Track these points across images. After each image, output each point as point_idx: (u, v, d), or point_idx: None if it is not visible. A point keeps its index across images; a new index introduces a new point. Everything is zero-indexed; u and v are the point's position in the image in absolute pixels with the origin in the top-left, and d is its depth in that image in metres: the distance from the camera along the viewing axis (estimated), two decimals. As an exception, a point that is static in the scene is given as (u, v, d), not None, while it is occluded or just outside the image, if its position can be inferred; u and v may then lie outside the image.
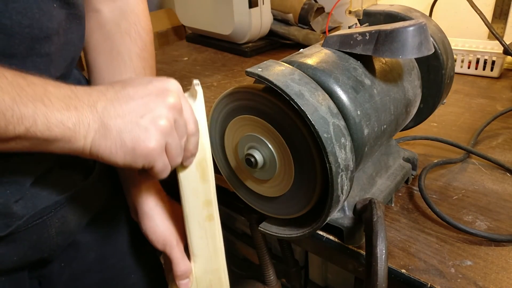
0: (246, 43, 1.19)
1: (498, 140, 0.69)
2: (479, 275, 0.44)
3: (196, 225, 0.45)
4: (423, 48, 0.42)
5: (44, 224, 0.46)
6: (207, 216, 0.45)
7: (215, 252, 0.47)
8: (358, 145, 0.44)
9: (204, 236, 0.46)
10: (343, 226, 0.48)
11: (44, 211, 0.46)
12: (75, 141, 0.34)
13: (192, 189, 0.43)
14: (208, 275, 0.49)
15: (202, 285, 0.49)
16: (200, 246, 0.47)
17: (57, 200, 0.47)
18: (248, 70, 0.41)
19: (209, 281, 0.49)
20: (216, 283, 0.49)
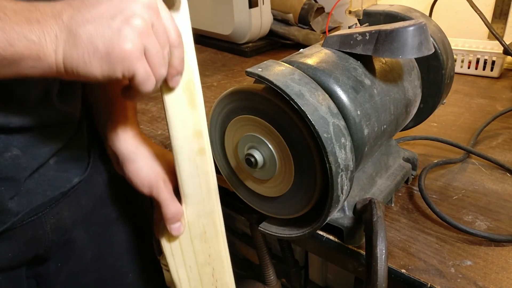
0: (246, 43, 1.19)
1: (498, 140, 0.69)
2: (479, 275, 0.44)
3: (186, 160, 0.41)
4: (423, 48, 0.42)
5: (39, 221, 0.46)
6: (198, 150, 0.41)
7: (208, 192, 0.43)
8: (358, 145, 0.44)
9: (195, 173, 0.42)
10: (343, 226, 0.48)
11: (39, 208, 0.46)
12: (45, 56, 0.32)
13: (180, 117, 0.40)
14: (202, 219, 0.44)
15: (195, 230, 0.45)
16: (192, 185, 0.42)
17: (52, 196, 0.47)
18: (248, 70, 0.41)
19: (203, 226, 0.45)
20: (211, 229, 0.45)
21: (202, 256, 0.46)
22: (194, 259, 0.46)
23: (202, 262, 0.46)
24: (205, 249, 0.46)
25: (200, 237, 0.45)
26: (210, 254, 0.46)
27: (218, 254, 0.46)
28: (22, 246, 0.47)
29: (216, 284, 0.48)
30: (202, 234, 0.45)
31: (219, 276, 0.47)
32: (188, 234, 0.45)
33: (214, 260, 0.46)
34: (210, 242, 0.46)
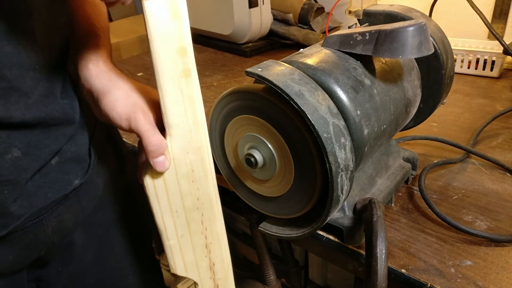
0: (246, 43, 1.19)
1: (498, 140, 0.69)
2: (479, 275, 0.44)
3: (169, 82, 0.37)
4: (423, 48, 0.42)
5: (41, 224, 0.46)
6: (182, 71, 0.37)
7: (195, 123, 0.39)
8: (358, 145, 0.44)
9: (180, 99, 0.38)
10: (343, 226, 0.48)
11: (41, 211, 0.45)
12: None
13: (161, 31, 0.36)
14: (189, 155, 0.40)
15: (181, 168, 0.40)
16: (176, 113, 0.38)
17: (54, 199, 0.46)
18: (248, 70, 0.41)
19: (190, 163, 0.40)
20: (199, 167, 0.40)
21: (190, 199, 0.41)
22: (181, 202, 0.41)
23: (189, 207, 0.42)
24: (193, 191, 0.41)
25: (188, 176, 0.40)
26: (199, 197, 0.42)
27: (208, 197, 0.42)
28: (23, 249, 0.46)
29: (205, 232, 0.43)
30: (189, 173, 0.40)
31: (208, 224, 0.43)
32: (173, 173, 0.40)
33: (203, 204, 0.42)
34: (198, 183, 0.41)
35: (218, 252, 0.45)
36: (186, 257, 0.44)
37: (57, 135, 0.46)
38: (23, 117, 0.41)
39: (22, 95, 0.40)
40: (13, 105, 0.39)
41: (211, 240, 0.44)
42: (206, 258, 0.45)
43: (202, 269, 0.45)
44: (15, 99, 0.39)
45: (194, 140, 0.40)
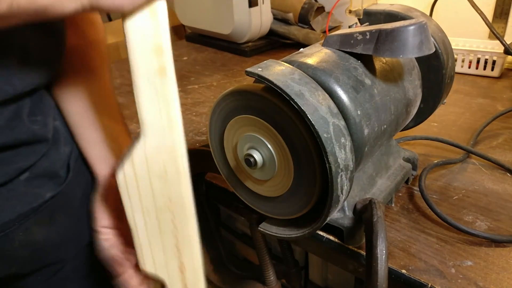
0: (246, 42, 1.19)
1: (498, 140, 0.69)
2: (479, 275, 0.44)
3: (144, 82, 0.37)
4: (424, 47, 0.42)
5: (6, 238, 0.44)
6: (158, 69, 0.37)
7: (170, 122, 0.39)
8: (358, 145, 0.44)
9: (155, 98, 0.38)
10: (343, 226, 0.48)
11: (7, 225, 0.44)
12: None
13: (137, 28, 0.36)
14: (162, 154, 0.40)
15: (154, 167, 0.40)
16: (151, 112, 0.38)
17: (21, 212, 0.44)
18: (248, 70, 0.41)
19: (163, 163, 0.40)
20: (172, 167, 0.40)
21: (162, 199, 0.42)
22: (152, 202, 0.42)
23: (161, 207, 0.42)
24: (165, 192, 0.41)
25: (160, 176, 0.41)
26: (171, 198, 0.42)
27: (180, 199, 0.42)
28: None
29: (176, 233, 0.43)
30: (162, 174, 0.40)
31: (180, 225, 0.43)
32: (146, 172, 0.40)
33: (174, 205, 0.42)
34: (171, 184, 0.41)
35: (189, 254, 0.45)
36: (156, 256, 0.44)
37: (26, 153, 0.44)
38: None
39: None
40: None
41: (182, 242, 0.44)
42: (176, 259, 0.45)
43: (171, 270, 0.45)
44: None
45: (168, 139, 0.39)
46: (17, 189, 0.44)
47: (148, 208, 0.42)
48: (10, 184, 0.44)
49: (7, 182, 0.43)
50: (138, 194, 0.41)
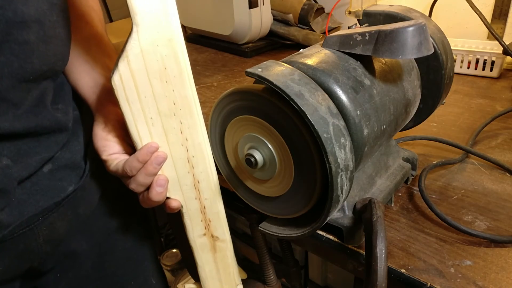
0: (246, 43, 1.19)
1: (497, 140, 0.69)
2: (478, 275, 0.44)
3: None
4: (423, 48, 0.42)
5: (32, 233, 0.45)
6: None
7: (165, 11, 0.35)
8: (358, 145, 0.44)
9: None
10: (343, 226, 0.48)
11: (32, 219, 0.44)
12: None
13: None
14: (159, 48, 0.36)
15: (152, 64, 0.36)
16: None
17: (45, 207, 0.45)
18: (248, 71, 0.41)
19: (162, 58, 0.36)
20: (172, 63, 0.36)
21: (165, 103, 0.37)
22: (155, 106, 0.37)
23: (166, 112, 0.38)
24: (168, 93, 0.37)
25: (160, 75, 0.36)
26: (175, 101, 0.38)
27: (185, 102, 0.38)
28: (13, 260, 0.45)
29: (186, 144, 0.40)
30: (162, 71, 0.36)
31: (188, 133, 0.40)
32: (144, 71, 0.36)
33: (180, 110, 0.38)
34: (173, 84, 0.37)
35: (202, 167, 0.41)
36: (166, 173, 0.40)
37: (48, 143, 0.45)
38: (12, 127, 0.40)
39: (11, 106, 0.39)
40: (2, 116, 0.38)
41: (193, 152, 0.40)
42: (189, 174, 0.41)
43: (185, 188, 0.41)
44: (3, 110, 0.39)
45: (164, 30, 0.35)
46: (41, 183, 0.45)
47: (151, 114, 0.38)
48: (34, 177, 0.44)
49: (31, 174, 0.43)
50: (138, 98, 0.37)
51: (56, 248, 0.50)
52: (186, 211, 0.42)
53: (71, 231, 0.51)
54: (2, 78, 0.37)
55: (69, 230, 0.50)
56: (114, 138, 0.45)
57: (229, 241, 0.46)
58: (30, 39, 0.39)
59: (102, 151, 0.45)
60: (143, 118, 0.38)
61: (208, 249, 0.45)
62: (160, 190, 0.41)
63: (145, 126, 0.38)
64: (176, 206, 0.42)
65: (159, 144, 0.39)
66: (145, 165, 0.40)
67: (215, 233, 0.44)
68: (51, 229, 0.47)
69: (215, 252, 0.45)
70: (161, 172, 0.40)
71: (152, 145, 0.39)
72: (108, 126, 0.46)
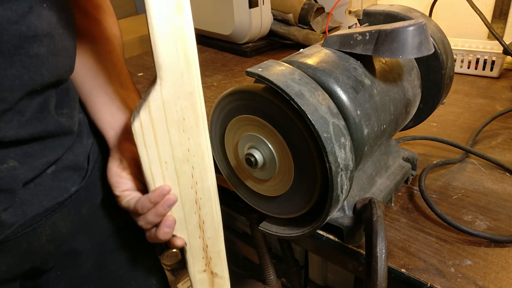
0: (246, 43, 1.19)
1: (497, 140, 0.69)
2: (478, 274, 0.44)
3: (161, 19, 0.35)
4: (423, 48, 0.42)
5: (35, 232, 0.45)
6: (175, 6, 0.35)
7: (188, 66, 0.37)
8: (358, 145, 0.44)
9: (171, 39, 0.35)
10: (343, 226, 0.48)
11: (35, 219, 0.44)
12: None
13: None
14: (180, 101, 0.38)
15: (171, 115, 0.38)
16: (167, 53, 0.36)
17: (48, 207, 0.45)
18: (248, 70, 0.41)
19: (181, 110, 0.38)
20: (190, 114, 0.38)
21: (180, 149, 0.39)
22: (170, 152, 0.40)
23: (180, 158, 0.40)
24: (184, 141, 0.39)
25: (178, 124, 0.38)
26: (190, 148, 0.40)
27: (199, 149, 0.40)
28: (16, 259, 0.45)
29: (195, 187, 0.41)
30: (180, 121, 0.38)
31: (199, 177, 0.41)
32: (163, 120, 0.38)
33: (193, 157, 0.40)
34: (189, 132, 0.39)
35: (208, 208, 0.43)
36: (175, 213, 0.42)
37: (54, 145, 0.45)
38: (17, 134, 0.40)
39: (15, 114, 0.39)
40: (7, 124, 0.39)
41: (201, 195, 0.42)
42: (196, 215, 0.43)
43: (191, 227, 0.43)
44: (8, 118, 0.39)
45: (186, 84, 0.37)
46: (44, 184, 0.45)
47: (166, 159, 0.39)
48: (38, 178, 0.44)
49: (36, 176, 0.44)
50: (155, 144, 0.39)
51: (58, 247, 0.50)
52: (189, 248, 0.44)
53: (73, 231, 0.51)
54: (13, 90, 0.38)
55: (72, 230, 0.51)
56: (128, 175, 0.47)
57: (227, 279, 0.49)
58: (41, 52, 0.40)
59: (116, 187, 0.47)
60: (158, 162, 0.40)
61: (206, 284, 0.47)
62: (167, 230, 0.43)
63: (159, 169, 0.40)
64: (180, 244, 0.45)
65: (170, 185, 0.41)
66: (156, 206, 0.42)
67: (214, 270, 0.47)
68: (54, 229, 0.47)
69: (213, 287, 0.48)
70: (170, 213, 0.42)
71: (165, 188, 0.41)
72: (124, 163, 0.47)
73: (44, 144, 0.44)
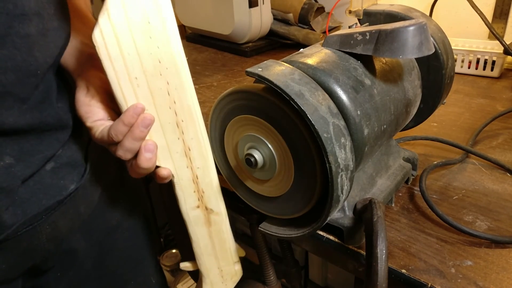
0: (246, 43, 1.19)
1: (498, 140, 0.69)
2: (479, 275, 0.44)
3: None
4: (424, 48, 0.42)
5: (34, 231, 0.45)
6: None
7: None
8: (358, 145, 0.44)
9: None
10: (343, 226, 0.48)
11: (35, 218, 0.44)
12: None
13: None
14: (142, 1, 0.33)
15: (134, 17, 0.33)
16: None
17: (48, 206, 0.45)
18: (248, 70, 0.41)
19: (143, 9, 0.34)
20: (154, 15, 0.34)
21: (150, 61, 0.35)
22: (139, 65, 0.35)
23: (151, 71, 0.36)
24: (153, 50, 0.35)
25: (143, 30, 0.34)
26: (161, 59, 0.35)
27: (172, 60, 0.36)
28: (17, 258, 0.45)
29: (174, 107, 0.37)
30: (145, 26, 0.34)
31: (176, 95, 0.37)
32: (125, 25, 0.34)
33: (167, 69, 0.36)
34: (157, 39, 0.34)
35: (193, 133, 0.39)
36: (155, 139, 0.38)
37: (51, 140, 0.45)
38: (16, 123, 0.40)
39: (17, 101, 0.39)
40: (7, 111, 0.38)
41: (182, 117, 0.38)
42: (179, 140, 0.39)
43: (176, 156, 0.39)
44: (9, 104, 0.38)
45: None
46: (43, 182, 0.45)
47: (136, 73, 0.35)
48: (37, 176, 0.44)
49: (34, 173, 0.43)
50: (121, 55, 0.35)
51: (58, 246, 0.50)
52: (178, 181, 0.40)
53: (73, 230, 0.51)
54: (7, 72, 0.37)
55: (71, 228, 0.50)
56: (98, 103, 0.42)
57: (224, 214, 0.44)
58: (31, 32, 0.39)
59: (86, 117, 0.42)
60: (127, 77, 0.35)
61: (202, 222, 0.42)
62: (149, 156, 0.38)
63: (129, 87, 0.36)
64: (166, 174, 0.40)
65: (146, 106, 0.37)
66: (132, 129, 0.38)
67: (209, 205, 0.42)
68: (54, 227, 0.47)
69: (210, 226, 0.43)
70: (149, 137, 0.38)
71: (138, 105, 0.37)
72: (91, 91, 0.43)
73: (40, 138, 0.43)
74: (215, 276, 0.45)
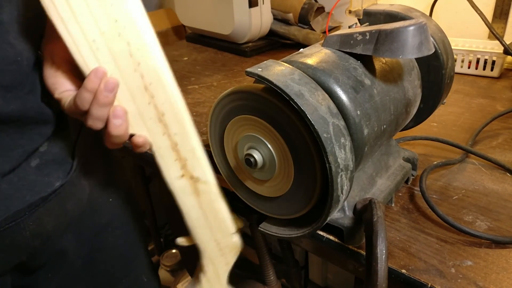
0: (246, 43, 1.19)
1: (498, 140, 0.69)
2: (479, 275, 0.44)
3: None
4: (423, 48, 0.42)
5: (18, 227, 0.44)
6: None
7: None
8: (358, 145, 0.44)
9: None
10: (343, 226, 0.48)
11: (18, 214, 0.44)
12: None
13: None
14: None
15: None
16: None
17: (31, 202, 0.44)
18: (248, 70, 0.41)
19: None
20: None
21: (106, 21, 0.33)
22: (95, 26, 0.33)
23: (110, 32, 0.33)
24: (107, 9, 0.32)
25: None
26: (117, 19, 0.32)
27: (129, 18, 0.33)
28: (1, 254, 0.45)
29: (139, 69, 0.34)
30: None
31: (140, 56, 0.34)
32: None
33: (125, 29, 0.33)
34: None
35: (163, 97, 0.35)
36: (124, 105, 0.36)
37: (32, 134, 0.44)
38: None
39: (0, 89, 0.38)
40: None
41: (150, 79, 0.35)
42: (150, 105, 0.36)
43: (150, 122, 0.37)
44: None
45: None
46: (27, 178, 0.44)
47: (93, 36, 0.33)
48: (20, 172, 0.43)
49: (15, 167, 0.43)
50: (73, 16, 0.32)
51: (45, 243, 0.49)
52: (156, 149, 0.37)
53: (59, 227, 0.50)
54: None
55: (58, 226, 0.50)
56: (64, 73, 0.41)
57: (212, 183, 0.41)
58: (3, 19, 0.38)
59: (54, 89, 0.41)
60: (85, 40, 0.33)
61: (189, 192, 0.40)
62: (118, 122, 0.36)
63: (88, 50, 0.34)
64: (141, 142, 0.38)
65: (109, 71, 0.34)
66: (96, 95, 0.36)
67: (194, 174, 0.39)
68: (38, 224, 0.46)
69: (198, 195, 0.40)
70: (118, 103, 0.36)
71: (98, 69, 0.35)
72: (56, 61, 0.41)
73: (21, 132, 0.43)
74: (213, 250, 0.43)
